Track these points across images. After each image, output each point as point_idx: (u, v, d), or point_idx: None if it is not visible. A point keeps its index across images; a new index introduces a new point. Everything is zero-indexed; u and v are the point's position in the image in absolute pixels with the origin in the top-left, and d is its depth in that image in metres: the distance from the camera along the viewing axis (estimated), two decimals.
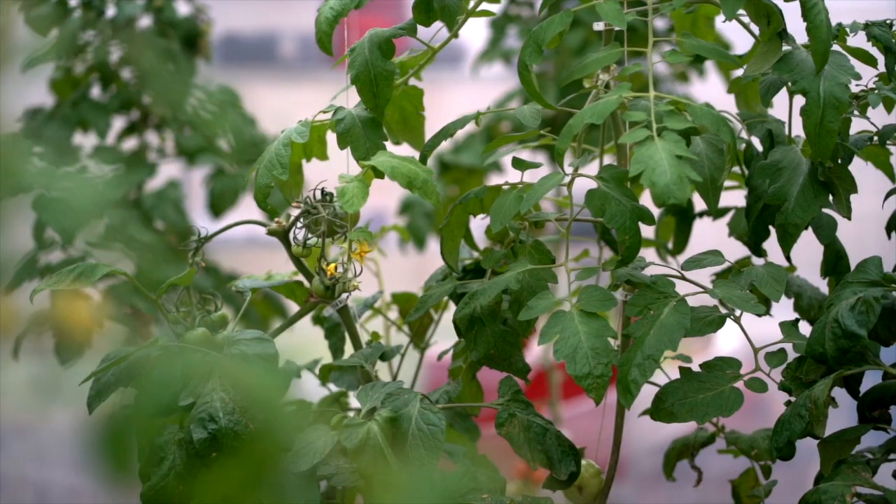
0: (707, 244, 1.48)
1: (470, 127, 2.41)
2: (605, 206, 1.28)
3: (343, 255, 1.36)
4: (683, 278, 1.36)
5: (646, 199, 1.33)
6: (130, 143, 2.38)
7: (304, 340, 1.58)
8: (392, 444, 1.28)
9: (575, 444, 1.35)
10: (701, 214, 1.60)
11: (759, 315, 1.31)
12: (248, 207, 2.01)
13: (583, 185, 1.32)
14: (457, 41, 1.43)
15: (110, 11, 2.29)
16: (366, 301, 1.54)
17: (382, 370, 1.53)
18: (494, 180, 2.21)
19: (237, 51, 4.18)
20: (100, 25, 2.28)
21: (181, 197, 2.26)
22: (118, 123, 2.38)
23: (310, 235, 1.38)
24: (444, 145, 2.43)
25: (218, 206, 2.30)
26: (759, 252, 1.42)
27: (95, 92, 2.32)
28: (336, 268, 1.34)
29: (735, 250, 1.51)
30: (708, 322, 1.32)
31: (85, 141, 2.35)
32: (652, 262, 1.38)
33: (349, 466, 1.29)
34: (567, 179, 1.33)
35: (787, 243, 1.35)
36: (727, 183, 1.55)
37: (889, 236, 1.40)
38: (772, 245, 1.44)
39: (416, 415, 1.29)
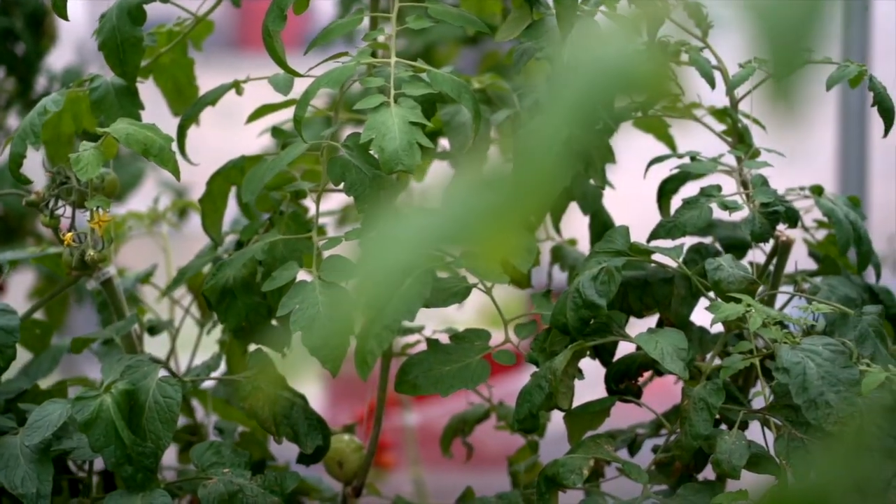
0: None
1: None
2: (345, 174, 1.26)
3: (92, 224, 1.33)
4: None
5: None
6: None
7: None
8: (130, 418, 1.25)
9: None
10: None
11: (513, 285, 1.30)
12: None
13: None
14: None
15: None
16: (137, 275, 1.51)
17: None
18: None
19: None
20: None
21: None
22: None
23: (60, 204, 1.35)
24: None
25: None
26: (557, 228, 1.39)
27: None
28: (73, 238, 1.31)
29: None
30: (453, 292, 1.30)
31: None
32: None
33: None
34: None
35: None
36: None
37: (660, 207, 1.38)
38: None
39: (154, 388, 1.27)
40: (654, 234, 1.30)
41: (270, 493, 1.27)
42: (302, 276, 1.30)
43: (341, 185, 1.27)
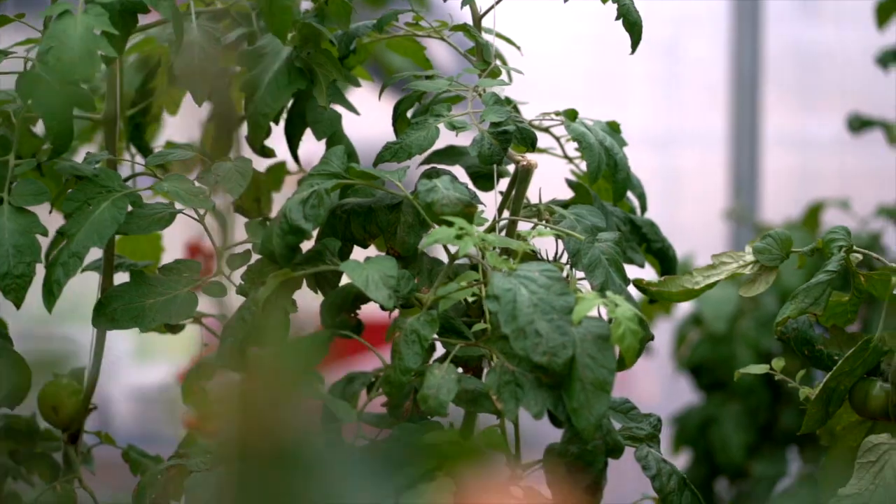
0: None
1: None
2: (33, 90, 1.16)
3: None
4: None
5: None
6: None
7: None
8: None
9: None
10: None
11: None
12: None
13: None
14: None
15: None
16: None
17: None
18: None
19: None
20: None
21: None
22: None
23: None
24: None
25: None
26: (295, 156, 1.30)
27: None
28: None
29: None
30: (157, 219, 1.20)
31: None
32: (115, 158, 1.26)
33: None
34: None
35: (256, 135, 1.24)
36: None
37: (395, 129, 1.28)
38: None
39: None
40: (380, 158, 1.21)
41: None
42: None
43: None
